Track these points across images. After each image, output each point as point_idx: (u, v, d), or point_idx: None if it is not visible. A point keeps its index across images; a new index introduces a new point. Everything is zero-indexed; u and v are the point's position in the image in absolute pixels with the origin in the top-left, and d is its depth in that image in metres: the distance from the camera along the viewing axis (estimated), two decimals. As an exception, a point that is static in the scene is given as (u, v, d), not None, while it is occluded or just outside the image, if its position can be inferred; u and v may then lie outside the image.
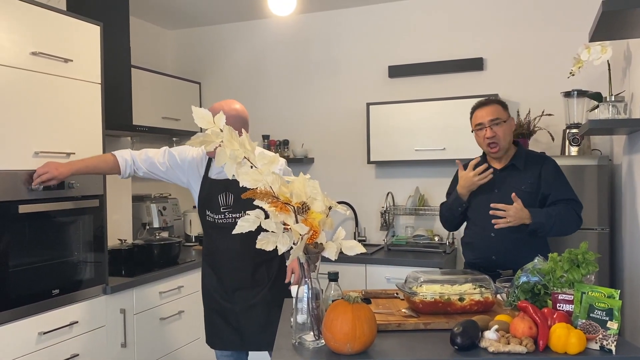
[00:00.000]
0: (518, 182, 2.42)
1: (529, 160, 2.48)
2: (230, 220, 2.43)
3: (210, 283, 2.57)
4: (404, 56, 4.01)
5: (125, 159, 2.47)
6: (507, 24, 3.75)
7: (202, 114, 1.61)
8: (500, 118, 2.42)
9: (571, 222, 2.38)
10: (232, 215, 2.44)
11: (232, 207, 2.43)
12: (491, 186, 2.47)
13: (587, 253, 1.73)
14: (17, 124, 2.32)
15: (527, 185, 2.42)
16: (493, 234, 2.41)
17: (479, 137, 2.48)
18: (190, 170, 2.52)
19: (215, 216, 2.47)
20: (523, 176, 2.44)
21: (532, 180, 2.42)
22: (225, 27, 4.56)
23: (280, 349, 1.61)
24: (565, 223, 2.36)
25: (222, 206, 2.44)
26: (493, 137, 2.41)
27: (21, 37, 2.34)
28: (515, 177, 2.44)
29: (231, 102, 2.50)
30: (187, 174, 2.52)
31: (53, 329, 2.43)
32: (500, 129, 2.41)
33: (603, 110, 2.52)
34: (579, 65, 2.82)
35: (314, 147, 4.29)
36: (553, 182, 2.42)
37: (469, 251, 2.57)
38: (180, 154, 2.54)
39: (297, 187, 1.60)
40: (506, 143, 2.44)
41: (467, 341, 1.55)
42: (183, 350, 3.31)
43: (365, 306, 1.57)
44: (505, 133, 2.43)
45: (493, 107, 2.45)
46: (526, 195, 2.38)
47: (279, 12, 3.51)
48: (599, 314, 1.57)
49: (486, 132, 2.42)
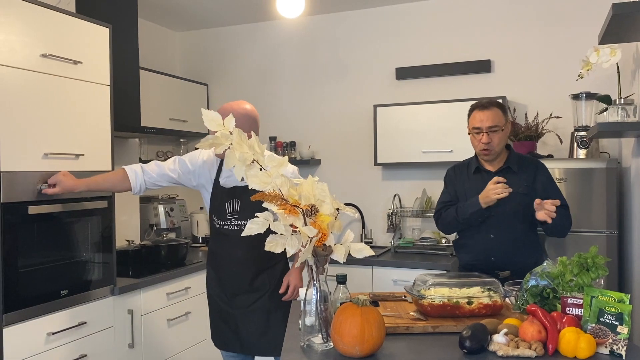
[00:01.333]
0: (514, 185, 2.43)
1: (522, 163, 2.50)
2: (235, 227, 2.43)
3: (212, 285, 2.58)
4: (411, 58, 4.01)
5: (134, 171, 2.46)
6: (515, 26, 3.74)
7: (212, 117, 1.62)
8: (499, 125, 2.42)
9: (568, 225, 2.44)
10: (237, 222, 2.43)
11: (238, 214, 2.44)
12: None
13: (596, 257, 1.72)
14: (27, 125, 2.34)
15: (523, 188, 2.43)
16: (492, 236, 2.43)
17: (474, 139, 2.49)
18: (202, 173, 2.52)
19: (221, 222, 2.47)
20: (518, 179, 2.45)
21: (528, 183, 2.45)
22: (233, 29, 4.57)
23: (289, 352, 1.61)
24: (566, 225, 2.42)
25: (229, 213, 2.45)
26: (488, 144, 2.42)
27: (31, 40, 2.36)
28: (510, 180, 2.44)
29: (241, 102, 2.50)
30: (198, 178, 2.53)
31: (61, 329, 2.44)
32: (496, 136, 2.42)
33: (612, 112, 2.50)
34: (588, 68, 2.80)
35: (320, 149, 4.29)
36: (549, 187, 2.45)
37: (464, 253, 2.56)
38: (191, 159, 2.53)
39: (305, 190, 1.60)
40: (499, 149, 2.46)
41: (476, 345, 1.54)
42: (190, 351, 3.32)
43: (373, 309, 1.57)
44: (501, 140, 2.45)
45: (493, 112, 2.43)
46: (523, 198, 2.40)
47: (288, 14, 3.52)
48: (609, 318, 1.56)
49: (482, 138, 2.43)
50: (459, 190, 2.58)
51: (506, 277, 2.33)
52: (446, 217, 2.55)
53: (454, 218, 2.50)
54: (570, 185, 3.09)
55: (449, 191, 2.62)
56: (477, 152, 2.53)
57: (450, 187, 2.64)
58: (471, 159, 2.61)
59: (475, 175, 2.54)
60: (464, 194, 2.54)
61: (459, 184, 2.59)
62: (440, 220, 2.60)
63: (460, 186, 2.58)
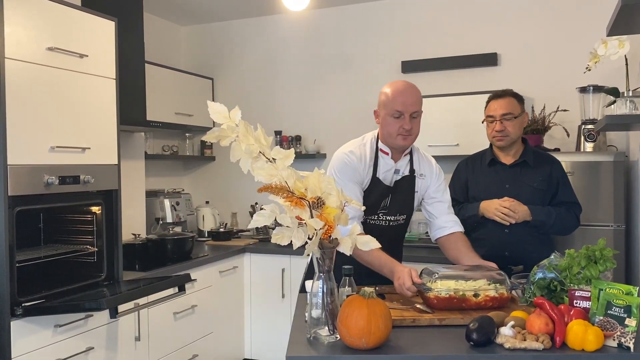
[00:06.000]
0: (529, 179, 2.43)
1: (537, 158, 2.50)
2: (384, 222, 2.30)
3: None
4: (417, 51, 3.99)
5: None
6: (522, 19, 3.72)
7: (218, 109, 1.61)
8: (512, 113, 2.43)
9: (570, 224, 2.45)
10: (386, 217, 2.30)
11: (388, 209, 2.29)
12: (502, 182, 2.47)
13: (604, 249, 1.71)
14: (34, 119, 2.34)
15: (538, 183, 2.43)
16: (507, 230, 2.41)
17: (488, 128, 2.51)
18: (364, 175, 2.31)
19: (370, 217, 2.30)
20: (534, 173, 2.45)
21: (543, 178, 2.44)
22: (239, 22, 4.56)
23: (296, 344, 1.61)
24: (566, 224, 2.43)
25: (380, 208, 2.29)
26: (502, 131, 2.44)
27: (38, 33, 2.36)
28: (526, 174, 2.45)
29: None
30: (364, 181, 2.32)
31: (68, 322, 2.45)
32: (510, 124, 2.44)
33: (620, 105, 2.48)
34: (596, 60, 2.77)
35: (326, 143, 4.28)
36: (562, 184, 2.47)
37: (478, 247, 2.55)
38: (353, 174, 2.24)
39: (312, 182, 1.59)
40: (515, 137, 2.46)
41: (483, 337, 1.54)
42: (196, 344, 3.33)
43: (380, 301, 1.57)
44: (515, 128, 2.45)
45: (507, 101, 2.46)
46: (537, 193, 2.40)
47: (293, 7, 3.51)
48: (617, 310, 1.55)
49: (496, 126, 2.45)
50: (471, 182, 2.57)
51: (519, 271, 2.30)
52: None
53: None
54: (577, 178, 3.07)
55: (455, 187, 2.61)
56: (490, 140, 2.53)
57: (457, 182, 2.63)
58: (486, 151, 2.60)
59: (490, 168, 2.53)
60: (476, 185, 2.54)
61: (473, 176, 2.58)
62: None
63: (474, 178, 2.57)
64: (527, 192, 2.41)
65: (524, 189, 2.42)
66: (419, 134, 2.23)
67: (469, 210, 2.51)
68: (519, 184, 2.45)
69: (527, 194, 2.41)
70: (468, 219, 2.48)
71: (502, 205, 2.38)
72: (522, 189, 2.42)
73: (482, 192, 2.51)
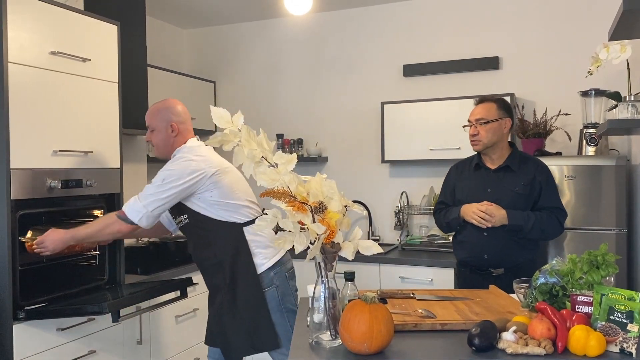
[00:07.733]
0: (511, 184, 2.47)
1: (523, 162, 2.53)
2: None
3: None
4: (418, 55, 3.99)
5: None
6: (523, 23, 3.72)
7: (221, 114, 1.62)
8: (485, 118, 2.49)
9: (551, 229, 2.46)
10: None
11: None
12: (485, 186, 2.52)
13: (607, 254, 1.71)
14: (37, 122, 2.34)
15: (520, 187, 2.46)
16: (485, 233, 2.46)
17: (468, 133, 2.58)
18: None
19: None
20: (516, 178, 2.48)
21: (526, 182, 2.47)
22: (241, 26, 4.57)
23: (298, 348, 1.61)
24: (545, 229, 2.43)
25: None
26: (475, 136, 2.50)
27: (41, 37, 2.36)
28: (508, 179, 2.48)
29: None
30: None
31: (71, 325, 2.45)
32: (483, 128, 2.49)
33: (622, 109, 2.48)
34: (598, 64, 2.78)
35: (328, 146, 4.29)
36: (545, 188, 2.48)
37: (461, 250, 2.62)
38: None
39: (314, 187, 1.60)
40: (487, 141, 2.49)
41: (485, 342, 1.54)
42: (198, 347, 3.33)
43: (382, 306, 1.56)
44: (488, 133, 2.49)
45: (484, 106, 2.53)
46: (518, 197, 2.45)
47: (296, 11, 3.52)
48: (619, 316, 1.55)
49: (470, 130, 2.53)
50: (458, 186, 2.63)
51: (499, 274, 2.38)
52: (438, 219, 2.70)
53: (442, 219, 2.64)
54: (579, 182, 3.07)
55: (445, 191, 2.70)
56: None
57: (446, 186, 2.71)
58: (474, 156, 2.64)
59: (475, 172, 2.58)
60: (461, 189, 2.59)
61: (460, 180, 2.64)
62: (435, 220, 2.74)
63: (461, 181, 2.64)
64: (508, 197, 2.45)
65: (505, 194, 2.46)
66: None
67: (452, 213, 2.57)
68: (501, 189, 2.49)
69: (508, 198, 2.45)
70: (451, 222, 2.57)
71: (479, 209, 2.42)
72: (503, 194, 2.47)
73: (466, 196, 2.56)
